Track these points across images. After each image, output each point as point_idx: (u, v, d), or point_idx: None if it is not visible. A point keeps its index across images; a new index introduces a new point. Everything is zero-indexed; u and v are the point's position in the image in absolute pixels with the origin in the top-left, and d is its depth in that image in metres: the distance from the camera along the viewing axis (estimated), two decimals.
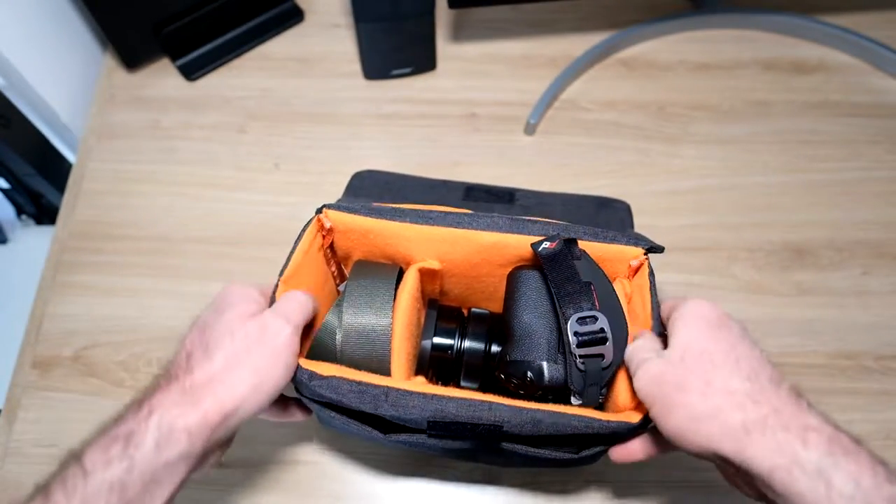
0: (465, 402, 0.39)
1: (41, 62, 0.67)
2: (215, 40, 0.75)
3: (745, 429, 0.32)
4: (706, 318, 0.37)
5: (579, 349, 0.40)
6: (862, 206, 0.66)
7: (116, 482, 0.31)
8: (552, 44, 0.76)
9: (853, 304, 0.61)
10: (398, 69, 0.73)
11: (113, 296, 0.62)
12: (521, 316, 0.44)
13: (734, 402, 0.33)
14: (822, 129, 0.70)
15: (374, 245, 0.47)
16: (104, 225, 0.66)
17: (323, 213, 0.46)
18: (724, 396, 0.33)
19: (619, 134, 0.70)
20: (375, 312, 0.44)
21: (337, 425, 0.44)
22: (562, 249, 0.42)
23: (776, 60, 0.75)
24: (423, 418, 0.39)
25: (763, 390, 0.33)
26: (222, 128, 0.71)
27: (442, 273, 0.48)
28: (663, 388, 0.35)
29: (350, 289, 0.45)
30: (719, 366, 0.34)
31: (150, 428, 0.33)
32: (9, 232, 0.83)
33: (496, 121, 0.71)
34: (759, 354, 0.35)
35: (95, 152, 0.70)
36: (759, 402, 0.32)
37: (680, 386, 0.34)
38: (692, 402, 0.34)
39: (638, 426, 0.39)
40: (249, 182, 0.68)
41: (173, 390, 0.35)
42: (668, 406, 0.35)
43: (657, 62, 0.75)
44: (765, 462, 0.31)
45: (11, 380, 0.59)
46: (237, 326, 0.37)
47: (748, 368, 0.34)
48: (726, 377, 0.34)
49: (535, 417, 0.38)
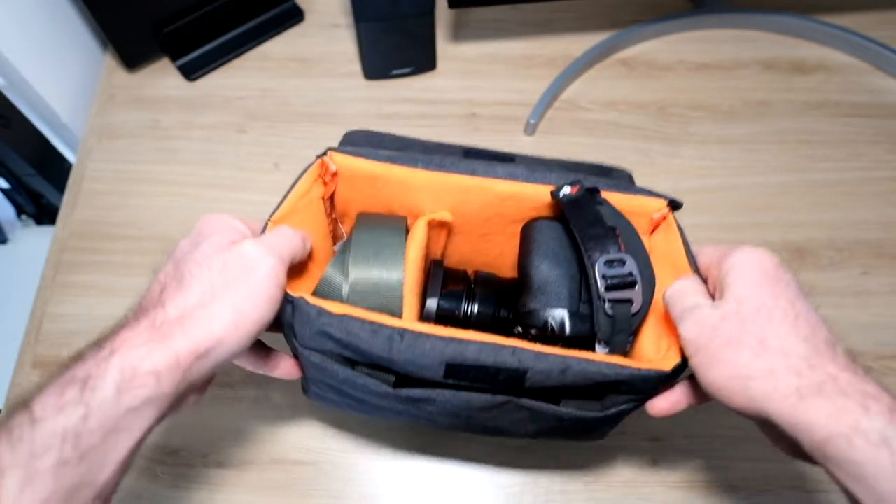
0: (487, 346, 0.36)
1: (41, 62, 0.67)
2: (215, 40, 0.75)
3: (800, 394, 0.30)
4: (764, 271, 0.35)
5: (608, 293, 0.37)
6: (862, 206, 0.66)
7: (70, 431, 0.27)
8: (552, 44, 0.76)
9: (853, 304, 0.61)
10: (398, 69, 0.73)
11: (113, 296, 0.62)
12: (539, 265, 0.42)
13: (789, 365, 0.31)
14: (822, 129, 0.70)
15: (379, 195, 0.44)
16: (104, 225, 0.66)
17: (328, 156, 0.43)
18: (779, 358, 0.31)
19: (619, 134, 0.70)
20: (386, 266, 0.40)
21: (329, 398, 0.41)
22: (584, 195, 0.40)
23: (776, 60, 0.75)
24: (440, 363, 0.36)
25: (819, 354, 0.31)
26: (222, 128, 0.71)
27: (450, 228, 0.46)
28: (713, 340, 0.33)
29: (357, 241, 0.41)
30: (777, 324, 0.32)
31: (110, 370, 0.29)
32: (9, 232, 0.83)
33: (496, 121, 0.71)
34: (815, 314, 0.33)
35: (95, 152, 0.70)
36: (815, 367, 0.31)
37: (731, 341, 0.33)
38: (742, 360, 0.32)
39: (669, 375, 0.37)
40: (249, 182, 0.68)
41: (141, 327, 0.31)
42: (714, 359, 0.33)
43: (657, 62, 0.75)
44: (821, 429, 0.29)
45: (11, 380, 0.59)
46: (215, 256, 0.34)
47: (806, 329, 0.32)
48: (783, 337, 0.32)
49: (563, 363, 0.36)
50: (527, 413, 0.40)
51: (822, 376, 0.30)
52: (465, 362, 0.36)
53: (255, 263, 0.34)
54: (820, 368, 0.31)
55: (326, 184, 0.44)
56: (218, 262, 0.33)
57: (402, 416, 0.42)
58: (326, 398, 0.44)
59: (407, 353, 0.36)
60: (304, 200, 0.42)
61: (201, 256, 0.34)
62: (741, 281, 0.34)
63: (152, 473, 0.54)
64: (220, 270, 0.33)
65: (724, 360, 0.32)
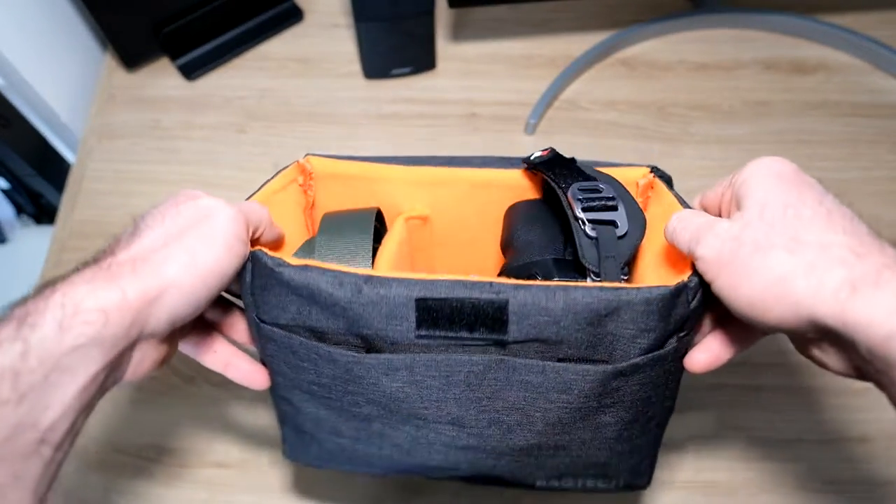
0: (460, 282, 0.32)
1: (41, 62, 0.67)
2: (215, 40, 0.75)
3: (852, 286, 0.26)
4: (780, 173, 0.31)
5: (586, 213, 0.35)
6: (862, 206, 0.65)
7: (7, 369, 0.25)
8: (552, 44, 0.76)
9: None
10: (398, 69, 0.73)
11: None
12: (521, 232, 0.41)
13: (832, 257, 0.27)
14: (822, 129, 0.70)
15: (356, 197, 0.44)
16: (104, 225, 0.66)
17: (304, 159, 0.43)
18: (818, 251, 0.27)
19: (619, 134, 0.70)
20: (351, 262, 0.38)
21: (298, 381, 0.37)
22: (556, 155, 0.39)
23: (776, 60, 0.75)
24: (409, 303, 0.32)
25: (865, 244, 0.27)
26: (222, 128, 0.71)
27: (433, 231, 0.45)
28: (739, 251, 0.29)
29: (321, 241, 0.39)
30: (808, 220, 0.29)
31: (50, 306, 0.27)
32: (8, 232, 0.83)
33: (496, 121, 0.71)
34: (849, 210, 0.30)
35: (95, 152, 0.70)
36: (863, 256, 0.27)
37: (759, 245, 0.29)
38: (776, 262, 0.28)
39: (673, 292, 0.32)
40: (249, 182, 0.67)
41: (87, 271, 0.29)
42: (743, 272, 0.29)
43: (657, 62, 0.75)
44: (881, 325, 0.25)
45: None
46: (171, 208, 0.32)
47: (843, 222, 0.29)
48: (818, 231, 0.28)
49: (548, 292, 0.31)
50: (529, 417, 0.35)
51: (875, 265, 0.26)
52: (437, 296, 0.32)
53: (213, 211, 0.32)
54: (869, 257, 0.27)
55: (306, 193, 0.44)
56: (173, 211, 0.32)
57: (397, 462, 0.39)
58: (304, 442, 0.41)
59: (374, 298, 0.32)
60: (277, 196, 0.41)
61: (157, 210, 0.32)
62: (760, 187, 0.31)
63: (149, 473, 0.54)
64: (173, 217, 0.31)
65: (755, 269, 0.28)
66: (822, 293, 0.26)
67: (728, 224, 0.31)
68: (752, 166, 0.33)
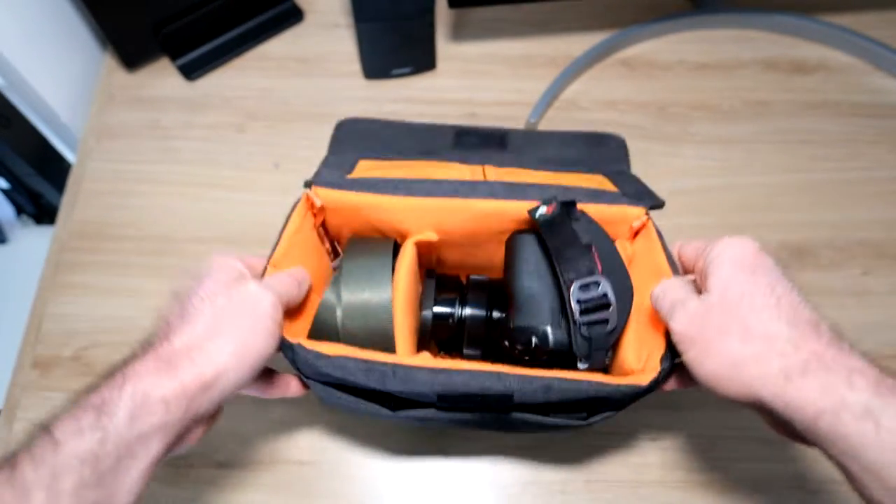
0: (474, 374, 0.38)
1: (41, 62, 0.67)
2: (215, 40, 0.75)
3: (787, 374, 0.31)
4: (743, 259, 0.36)
5: (583, 316, 0.39)
6: (862, 206, 0.66)
7: (89, 454, 0.29)
8: (552, 44, 0.76)
9: (853, 304, 0.61)
10: (398, 69, 0.73)
11: (113, 296, 0.62)
12: (521, 281, 0.43)
13: (774, 349, 0.32)
14: (822, 129, 0.70)
15: (366, 220, 0.46)
16: (104, 225, 0.66)
17: (312, 191, 0.45)
18: (763, 343, 0.32)
19: (619, 134, 0.70)
20: (374, 288, 0.43)
21: (343, 403, 0.43)
22: (559, 213, 0.42)
23: (776, 60, 0.75)
24: (432, 392, 0.38)
25: (803, 335, 0.32)
26: (222, 128, 0.71)
27: (439, 243, 0.48)
28: (705, 331, 0.34)
29: (347, 266, 0.44)
30: (759, 310, 0.33)
31: (123, 397, 0.31)
32: (9, 232, 0.83)
33: (496, 121, 0.71)
34: (797, 294, 0.34)
35: (95, 152, 0.70)
36: (799, 348, 0.32)
37: (721, 329, 0.34)
38: (732, 349, 0.33)
39: (647, 389, 0.38)
40: (249, 182, 0.68)
41: (149, 359, 0.33)
42: (707, 351, 0.34)
43: (657, 62, 0.75)
44: (809, 407, 0.30)
45: (11, 380, 0.59)
46: (217, 293, 0.36)
47: (788, 311, 0.33)
48: (766, 321, 0.33)
49: (546, 384, 0.38)
50: (520, 423, 0.42)
51: (807, 355, 0.31)
52: (455, 391, 0.38)
53: (257, 299, 0.36)
54: (804, 348, 0.31)
55: (316, 215, 0.47)
56: (220, 299, 0.36)
57: (418, 422, 0.44)
58: (346, 408, 0.45)
59: (400, 386, 0.38)
60: (298, 237, 0.44)
61: (205, 292, 0.36)
62: (722, 271, 0.36)
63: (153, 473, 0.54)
64: (222, 306, 0.35)
65: (715, 351, 0.34)
66: (766, 380, 0.32)
67: (696, 304, 0.36)
68: (719, 246, 0.37)
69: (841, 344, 0.32)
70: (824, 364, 0.31)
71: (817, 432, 0.30)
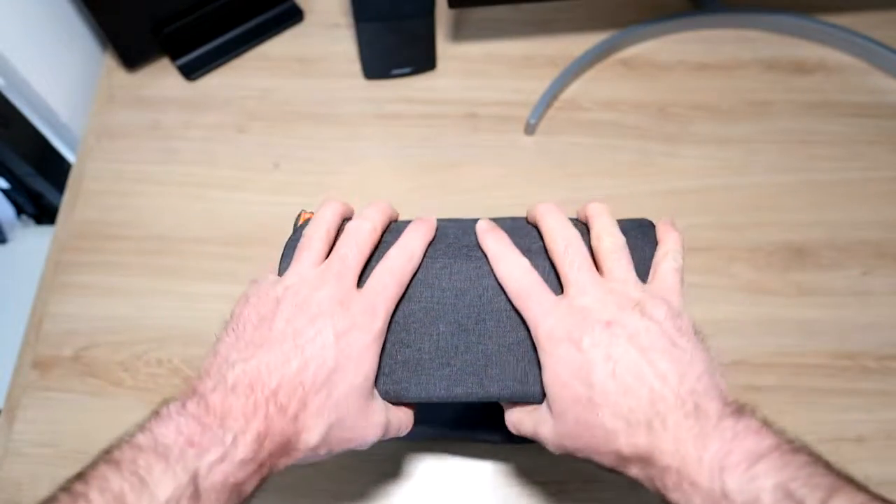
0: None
1: (41, 62, 0.67)
2: (215, 40, 0.75)
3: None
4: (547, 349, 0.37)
5: None
6: (862, 206, 0.66)
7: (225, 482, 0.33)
8: (552, 44, 0.76)
9: (853, 304, 0.61)
10: (398, 69, 0.73)
11: (112, 296, 0.62)
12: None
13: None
14: (822, 129, 0.70)
15: None
16: (104, 225, 0.66)
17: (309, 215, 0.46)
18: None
19: (619, 134, 0.70)
20: None
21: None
22: None
23: (776, 60, 0.75)
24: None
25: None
26: (222, 128, 0.71)
27: None
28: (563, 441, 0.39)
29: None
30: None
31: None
32: (9, 232, 0.83)
33: (496, 121, 0.71)
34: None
35: (95, 152, 0.70)
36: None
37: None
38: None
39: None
40: (249, 182, 0.68)
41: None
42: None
43: (657, 62, 0.75)
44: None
45: (11, 380, 0.59)
46: (354, 406, 0.37)
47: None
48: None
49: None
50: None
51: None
52: None
53: (375, 424, 0.38)
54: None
55: None
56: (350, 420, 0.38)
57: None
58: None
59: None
60: None
61: (342, 395, 0.37)
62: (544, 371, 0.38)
63: None
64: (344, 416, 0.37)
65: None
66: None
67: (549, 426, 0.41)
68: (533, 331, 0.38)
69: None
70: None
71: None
